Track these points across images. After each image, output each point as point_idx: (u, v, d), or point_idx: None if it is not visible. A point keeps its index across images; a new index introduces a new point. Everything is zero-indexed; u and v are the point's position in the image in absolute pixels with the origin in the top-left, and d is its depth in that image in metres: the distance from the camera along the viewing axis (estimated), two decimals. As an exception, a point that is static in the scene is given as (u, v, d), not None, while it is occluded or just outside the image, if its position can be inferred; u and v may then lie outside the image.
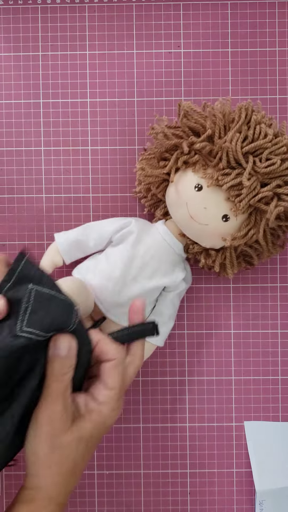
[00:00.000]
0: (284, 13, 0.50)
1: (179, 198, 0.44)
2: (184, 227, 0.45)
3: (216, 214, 0.42)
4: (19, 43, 0.50)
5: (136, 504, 0.51)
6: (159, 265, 0.45)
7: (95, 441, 0.35)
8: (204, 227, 0.43)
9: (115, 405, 0.35)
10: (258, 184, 0.42)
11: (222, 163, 0.41)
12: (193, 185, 0.43)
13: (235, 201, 0.41)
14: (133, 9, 0.50)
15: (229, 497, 0.51)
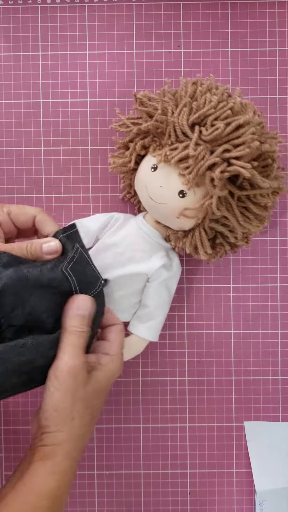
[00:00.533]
0: (284, 13, 0.50)
1: (140, 182, 0.44)
2: (151, 212, 0.45)
3: (171, 191, 0.42)
4: (19, 43, 0.50)
5: (136, 504, 0.51)
6: (133, 253, 0.44)
7: (106, 393, 0.39)
8: (164, 206, 0.42)
9: (121, 359, 0.40)
10: (208, 153, 0.40)
11: (171, 138, 0.41)
12: (150, 166, 0.43)
13: (185, 173, 0.40)
14: (133, 9, 0.50)
15: (229, 497, 0.51)
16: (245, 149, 0.39)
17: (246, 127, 0.40)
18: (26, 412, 0.51)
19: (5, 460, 0.51)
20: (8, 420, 0.51)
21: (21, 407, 0.51)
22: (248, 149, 0.39)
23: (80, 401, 0.36)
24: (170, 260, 0.46)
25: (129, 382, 0.51)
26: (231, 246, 0.45)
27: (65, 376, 0.35)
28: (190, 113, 0.41)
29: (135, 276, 0.45)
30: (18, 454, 0.51)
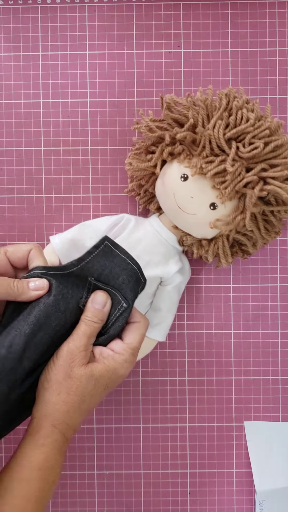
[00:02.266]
0: (284, 13, 0.50)
1: (166, 190, 0.44)
2: (174, 219, 0.45)
3: (203, 203, 0.42)
4: (19, 43, 0.50)
5: (136, 504, 0.51)
6: (151, 257, 0.45)
7: (104, 385, 0.39)
8: (192, 217, 0.43)
9: (128, 358, 0.40)
10: (243, 170, 0.41)
11: (206, 151, 0.41)
12: (179, 175, 0.42)
13: (220, 188, 0.41)
14: (133, 9, 0.50)
15: (229, 497, 0.51)
16: (284, 171, 0.41)
17: (283, 148, 0.42)
18: (26, 412, 0.51)
19: (5, 460, 0.51)
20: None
21: (21, 407, 0.51)
22: (287, 171, 0.41)
23: (70, 380, 0.38)
24: (182, 264, 0.47)
25: (129, 382, 0.51)
26: (244, 253, 0.47)
27: (63, 354, 0.38)
28: (226, 127, 0.41)
29: (151, 279, 0.45)
30: (18, 454, 0.51)
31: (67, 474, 0.51)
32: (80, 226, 0.47)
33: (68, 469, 0.51)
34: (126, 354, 0.40)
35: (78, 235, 0.46)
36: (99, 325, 0.40)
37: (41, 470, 0.36)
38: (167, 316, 0.47)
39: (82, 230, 0.46)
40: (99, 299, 0.40)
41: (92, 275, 0.41)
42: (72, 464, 0.51)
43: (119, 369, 0.39)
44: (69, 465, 0.51)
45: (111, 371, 0.39)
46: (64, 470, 0.51)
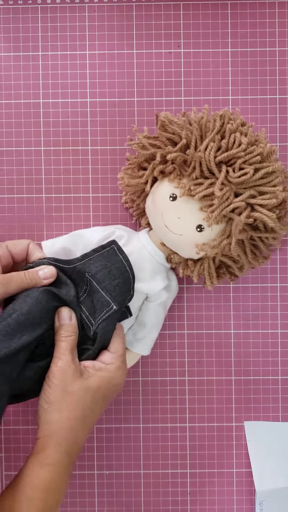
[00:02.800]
0: (284, 13, 0.50)
1: (155, 208, 0.44)
2: (162, 237, 0.44)
3: (190, 224, 0.42)
4: (19, 43, 0.50)
5: (136, 504, 0.51)
6: (138, 272, 0.44)
7: (103, 396, 0.39)
8: (179, 237, 0.43)
9: (119, 364, 0.41)
10: (232, 194, 0.41)
11: (196, 172, 0.41)
12: (168, 194, 0.42)
13: (207, 211, 0.41)
14: (133, 9, 0.50)
15: (229, 497, 0.51)
16: (272, 199, 0.41)
17: (273, 175, 0.41)
18: (26, 412, 0.51)
19: (5, 460, 0.51)
20: (8, 420, 0.51)
21: (21, 407, 0.51)
22: (275, 199, 0.41)
23: (70, 396, 0.38)
24: (169, 280, 0.47)
25: (129, 382, 0.51)
26: (231, 275, 0.47)
27: (55, 373, 0.39)
28: (218, 150, 0.41)
29: (137, 293, 0.45)
30: (18, 454, 0.51)
31: (67, 474, 0.51)
32: (72, 236, 0.46)
33: (68, 469, 0.51)
34: (116, 361, 0.41)
35: (69, 244, 0.46)
36: (74, 337, 0.41)
37: (44, 492, 0.35)
38: (152, 331, 0.47)
39: (74, 240, 0.46)
40: (64, 315, 0.41)
41: (90, 272, 0.42)
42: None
43: (114, 378, 0.40)
44: (69, 465, 0.51)
45: (107, 382, 0.39)
46: (64, 470, 0.51)
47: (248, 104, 0.50)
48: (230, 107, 0.50)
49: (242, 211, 0.41)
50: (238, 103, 0.50)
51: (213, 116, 0.42)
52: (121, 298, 0.42)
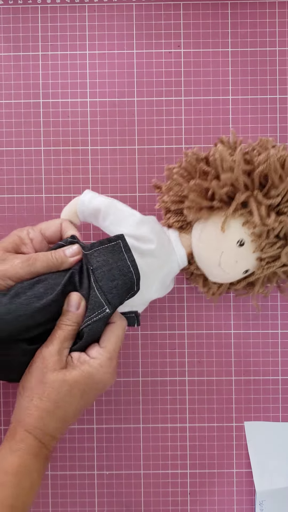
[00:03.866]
0: (284, 13, 0.50)
1: (217, 245, 0.41)
2: (203, 263, 0.43)
3: (242, 268, 0.42)
4: (19, 43, 0.50)
5: (136, 504, 0.51)
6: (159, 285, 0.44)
7: (81, 391, 0.38)
8: (225, 274, 0.43)
9: (104, 362, 0.39)
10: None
11: (275, 232, 0.40)
12: (237, 238, 0.41)
13: (264, 266, 0.42)
14: (133, 9, 0.50)
15: (229, 497, 0.51)
16: None
17: None
18: (26, 412, 0.51)
19: None
20: (8, 420, 0.51)
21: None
22: None
23: (42, 385, 0.37)
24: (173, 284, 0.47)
25: (129, 382, 0.51)
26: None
27: (36, 360, 0.39)
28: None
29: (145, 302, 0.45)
30: (18, 454, 0.51)
31: (67, 474, 0.51)
32: (111, 204, 0.43)
33: (68, 469, 0.51)
34: (101, 358, 0.39)
35: (104, 209, 0.42)
36: (73, 328, 0.39)
37: (16, 476, 0.35)
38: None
39: (109, 207, 0.43)
40: (72, 301, 0.40)
41: (92, 265, 0.40)
42: (72, 464, 0.51)
43: (95, 374, 0.38)
44: (69, 465, 0.51)
45: (86, 377, 0.38)
46: (64, 470, 0.51)
47: (248, 104, 0.50)
48: (230, 107, 0.50)
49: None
50: (238, 103, 0.50)
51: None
52: (118, 301, 0.40)
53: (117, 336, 0.40)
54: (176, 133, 0.50)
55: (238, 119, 0.50)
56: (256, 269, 0.42)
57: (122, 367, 0.51)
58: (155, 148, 0.51)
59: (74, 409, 0.39)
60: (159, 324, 0.51)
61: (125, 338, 0.50)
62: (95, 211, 0.43)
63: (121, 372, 0.51)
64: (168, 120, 0.50)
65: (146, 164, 0.50)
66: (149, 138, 0.50)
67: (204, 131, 0.50)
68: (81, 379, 0.38)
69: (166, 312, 0.51)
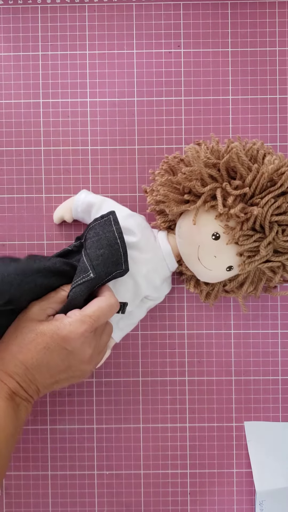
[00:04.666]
0: (284, 13, 0.50)
1: (193, 238, 0.43)
2: (187, 261, 0.44)
3: (222, 264, 0.42)
4: (19, 43, 0.50)
5: (136, 504, 0.51)
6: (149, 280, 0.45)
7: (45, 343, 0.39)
8: (207, 270, 0.43)
9: (74, 322, 0.40)
10: (271, 251, 0.41)
11: (248, 224, 0.40)
12: (212, 232, 0.41)
13: (245, 262, 0.41)
14: (133, 9, 0.50)
15: (229, 497, 0.51)
16: None
17: None
18: (26, 412, 0.51)
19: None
20: (8, 420, 0.51)
21: (21, 407, 0.51)
22: None
23: (15, 330, 0.40)
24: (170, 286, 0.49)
25: (129, 382, 0.51)
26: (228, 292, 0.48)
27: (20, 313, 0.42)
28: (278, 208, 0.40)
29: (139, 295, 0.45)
30: (18, 454, 0.51)
31: (67, 474, 0.51)
32: (103, 200, 0.46)
33: (68, 469, 0.51)
34: (73, 318, 0.40)
35: (97, 204, 0.46)
36: (65, 294, 0.42)
37: None
38: (134, 325, 0.48)
39: (102, 203, 0.46)
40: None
41: (86, 239, 0.43)
42: (72, 464, 0.51)
43: (62, 330, 0.39)
44: (69, 465, 0.51)
45: (53, 330, 0.39)
46: (64, 470, 0.51)
47: (248, 104, 0.50)
48: (230, 107, 0.50)
49: (274, 268, 0.43)
50: (238, 103, 0.50)
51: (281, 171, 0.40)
52: (103, 270, 0.41)
53: (99, 306, 0.41)
54: (176, 133, 0.50)
55: (238, 119, 0.50)
56: (238, 266, 0.42)
57: (122, 367, 0.51)
58: (155, 148, 0.51)
59: (37, 360, 0.39)
60: (159, 324, 0.51)
61: (125, 338, 0.50)
62: (89, 205, 0.46)
63: (121, 372, 0.51)
64: (168, 120, 0.50)
65: (146, 164, 0.50)
66: (149, 138, 0.50)
67: (204, 131, 0.50)
68: (47, 331, 0.39)
69: (166, 312, 0.51)
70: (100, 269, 0.41)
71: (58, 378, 0.41)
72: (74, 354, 0.40)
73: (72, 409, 0.51)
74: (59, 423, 0.51)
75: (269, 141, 0.50)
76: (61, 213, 0.49)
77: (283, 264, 0.43)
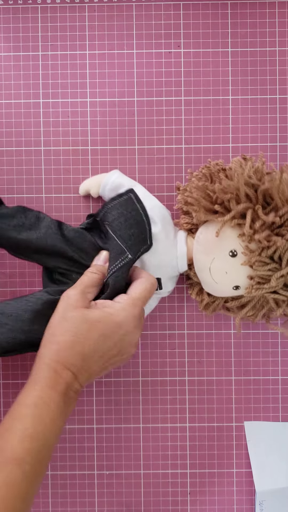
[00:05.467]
0: (284, 13, 0.50)
1: (210, 249, 0.43)
2: (197, 268, 0.44)
3: (231, 282, 0.42)
4: (19, 43, 0.50)
5: (136, 504, 0.51)
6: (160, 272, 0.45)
7: (100, 330, 0.39)
8: (214, 283, 0.43)
9: (126, 306, 0.40)
10: (282, 284, 0.41)
11: (268, 251, 0.40)
12: (230, 248, 0.41)
13: (253, 286, 0.41)
14: (133, 9, 0.50)
15: (229, 497, 0.51)
16: None
17: None
18: (26, 412, 0.51)
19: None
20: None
21: (21, 407, 0.51)
22: None
23: (64, 321, 0.39)
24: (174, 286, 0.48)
25: (129, 382, 0.51)
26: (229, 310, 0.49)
27: (61, 300, 0.41)
28: None
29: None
30: (18, 454, 0.51)
31: (67, 474, 0.51)
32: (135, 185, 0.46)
33: (68, 469, 0.51)
34: (124, 302, 0.40)
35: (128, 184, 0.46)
36: (98, 276, 0.42)
37: (33, 407, 0.36)
38: None
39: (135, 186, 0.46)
40: (101, 256, 0.43)
41: (107, 220, 0.43)
42: (72, 464, 0.51)
43: (115, 316, 0.39)
44: (69, 465, 0.51)
45: (107, 317, 0.39)
46: (64, 470, 0.51)
47: (248, 104, 0.51)
48: (230, 107, 0.50)
49: (280, 304, 0.43)
50: (238, 103, 0.50)
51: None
52: (136, 248, 0.42)
53: (144, 287, 0.42)
54: (176, 133, 0.50)
55: (238, 119, 0.50)
56: (246, 288, 0.42)
57: (122, 367, 0.51)
58: (155, 148, 0.51)
59: (94, 348, 0.39)
60: (159, 324, 0.51)
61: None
62: (118, 185, 0.46)
63: (121, 372, 0.51)
64: (168, 120, 0.50)
65: (146, 164, 0.51)
66: (149, 138, 0.50)
67: (204, 131, 0.50)
68: (101, 319, 0.39)
69: (166, 312, 0.51)
70: (134, 249, 0.42)
71: (109, 363, 0.41)
72: (126, 337, 0.40)
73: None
74: (59, 423, 0.51)
75: (269, 141, 0.51)
76: (88, 186, 0.48)
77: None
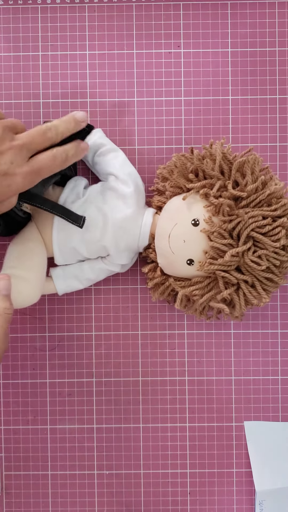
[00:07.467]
0: (284, 13, 0.50)
1: (175, 215, 0.43)
2: (158, 234, 0.44)
3: (186, 254, 0.42)
4: (19, 43, 0.50)
5: (136, 504, 0.51)
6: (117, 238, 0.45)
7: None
8: (170, 252, 0.43)
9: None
10: (234, 265, 0.42)
11: (229, 225, 0.41)
12: (194, 216, 0.42)
13: (206, 261, 0.41)
14: (133, 9, 0.50)
15: (229, 497, 0.51)
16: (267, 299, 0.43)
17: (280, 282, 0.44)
18: (26, 412, 0.51)
19: (5, 460, 0.51)
20: (8, 420, 0.51)
21: (21, 407, 0.51)
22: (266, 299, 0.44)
23: None
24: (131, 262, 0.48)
25: (129, 382, 0.51)
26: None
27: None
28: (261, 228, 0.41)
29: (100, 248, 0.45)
30: (18, 454, 0.51)
31: (67, 474, 0.51)
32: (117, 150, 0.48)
33: (68, 469, 0.51)
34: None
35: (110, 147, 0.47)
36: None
37: None
38: (81, 283, 0.48)
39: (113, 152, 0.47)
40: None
41: None
42: (72, 464, 0.51)
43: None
44: (69, 465, 0.51)
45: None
46: (64, 470, 0.51)
47: (248, 104, 0.51)
48: (230, 107, 0.50)
49: (228, 287, 0.42)
50: (238, 103, 0.50)
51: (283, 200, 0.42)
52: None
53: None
54: (176, 133, 0.50)
55: (238, 119, 0.50)
56: (199, 262, 0.42)
57: (122, 367, 0.51)
58: (155, 148, 0.51)
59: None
60: (159, 324, 0.51)
61: (125, 338, 0.50)
62: (99, 146, 0.47)
63: (121, 372, 0.51)
64: (168, 120, 0.50)
65: (146, 164, 0.51)
66: (149, 138, 0.50)
67: (204, 131, 0.50)
68: None
69: (166, 312, 0.51)
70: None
71: None
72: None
73: (72, 409, 0.51)
74: (59, 423, 0.51)
75: (269, 141, 0.51)
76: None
77: (238, 284, 0.43)
